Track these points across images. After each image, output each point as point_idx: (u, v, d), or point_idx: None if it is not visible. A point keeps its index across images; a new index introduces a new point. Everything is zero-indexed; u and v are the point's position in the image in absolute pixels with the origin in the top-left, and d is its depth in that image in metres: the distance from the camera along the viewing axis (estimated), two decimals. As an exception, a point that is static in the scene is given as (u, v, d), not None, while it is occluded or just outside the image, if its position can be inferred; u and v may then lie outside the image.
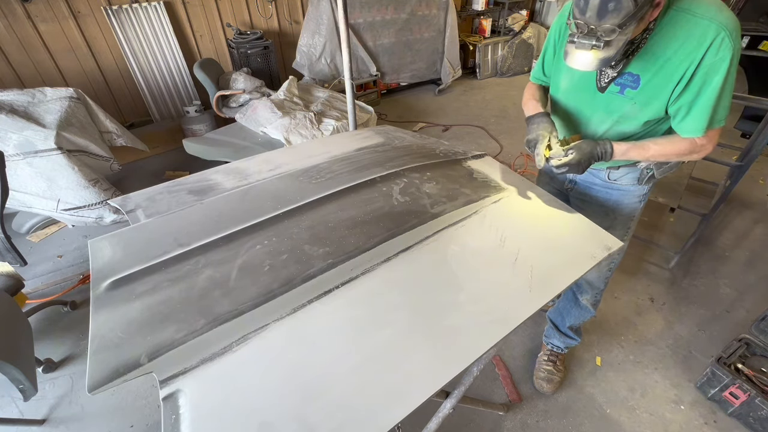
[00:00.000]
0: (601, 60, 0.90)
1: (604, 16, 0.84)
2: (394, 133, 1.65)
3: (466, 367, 0.77)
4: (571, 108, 1.23)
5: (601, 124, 1.17)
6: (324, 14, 3.76)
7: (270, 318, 0.83)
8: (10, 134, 2.14)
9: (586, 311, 1.55)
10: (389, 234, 1.03)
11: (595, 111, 1.16)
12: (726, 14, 0.91)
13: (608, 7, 0.82)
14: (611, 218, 1.32)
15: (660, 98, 1.01)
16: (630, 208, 1.31)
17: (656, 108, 1.04)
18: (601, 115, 1.15)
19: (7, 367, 1.24)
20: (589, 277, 1.45)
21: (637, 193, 1.28)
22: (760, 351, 1.64)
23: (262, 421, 0.67)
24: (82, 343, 1.92)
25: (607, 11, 0.83)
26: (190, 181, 1.31)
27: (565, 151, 1.08)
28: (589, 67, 0.92)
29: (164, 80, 3.59)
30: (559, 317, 1.65)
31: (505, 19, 5.06)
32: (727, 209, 2.77)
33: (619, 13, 0.83)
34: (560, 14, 1.18)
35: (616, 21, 0.84)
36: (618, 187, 1.28)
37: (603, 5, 0.83)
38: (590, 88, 1.12)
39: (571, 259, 1.02)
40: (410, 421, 0.72)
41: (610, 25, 0.84)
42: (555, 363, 1.71)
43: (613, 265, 1.42)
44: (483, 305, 0.88)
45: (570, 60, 0.95)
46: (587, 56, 0.91)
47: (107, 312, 0.83)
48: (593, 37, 0.87)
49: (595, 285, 1.47)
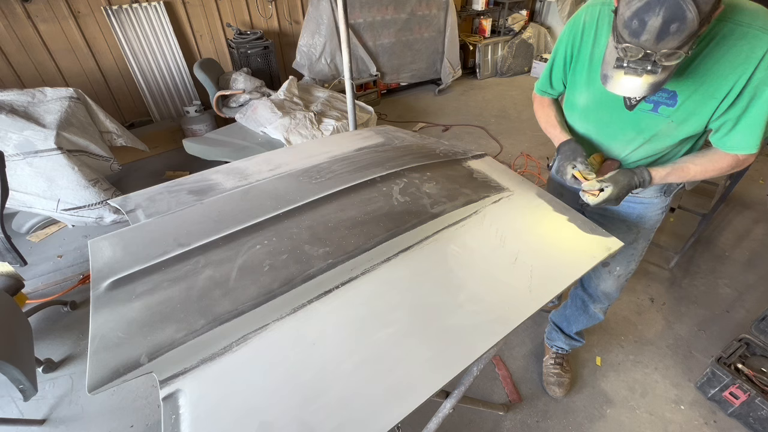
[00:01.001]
0: (651, 85, 0.81)
1: (663, 38, 0.74)
2: (394, 133, 1.65)
3: (466, 367, 0.77)
4: (592, 126, 1.16)
5: (629, 143, 1.09)
6: (324, 14, 3.76)
7: (270, 318, 0.83)
8: (10, 134, 2.14)
9: (594, 318, 1.52)
10: (389, 234, 1.03)
11: (622, 130, 1.08)
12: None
13: (670, 29, 0.72)
14: (635, 232, 1.27)
15: (701, 115, 0.94)
16: (653, 219, 1.26)
17: (696, 125, 0.96)
18: (630, 134, 1.07)
19: (7, 367, 1.24)
20: (606, 288, 1.40)
21: (661, 204, 1.23)
22: (760, 351, 1.64)
23: (262, 421, 0.67)
24: (82, 343, 1.92)
25: (668, 33, 0.73)
26: (190, 181, 1.31)
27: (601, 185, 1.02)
28: (636, 93, 0.83)
29: (164, 80, 3.59)
30: (565, 322, 1.64)
31: (505, 19, 5.06)
32: (727, 209, 2.77)
33: (681, 35, 0.73)
34: (572, 23, 1.08)
35: (676, 43, 0.74)
36: (641, 201, 1.23)
37: (664, 27, 0.72)
38: (616, 106, 1.04)
39: (571, 259, 1.02)
40: (410, 421, 0.72)
41: (669, 48, 0.75)
42: (562, 365, 1.70)
43: (630, 276, 1.38)
44: (483, 305, 0.88)
45: (613, 86, 0.85)
46: (636, 82, 0.81)
47: (107, 312, 0.83)
48: (647, 62, 0.78)
49: (612, 295, 1.42)
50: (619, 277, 1.36)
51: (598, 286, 1.41)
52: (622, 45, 0.79)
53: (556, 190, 1.44)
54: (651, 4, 0.72)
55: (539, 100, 1.33)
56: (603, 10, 1.00)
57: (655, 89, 0.82)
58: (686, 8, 0.70)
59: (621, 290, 1.42)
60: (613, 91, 0.86)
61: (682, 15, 0.71)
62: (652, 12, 0.72)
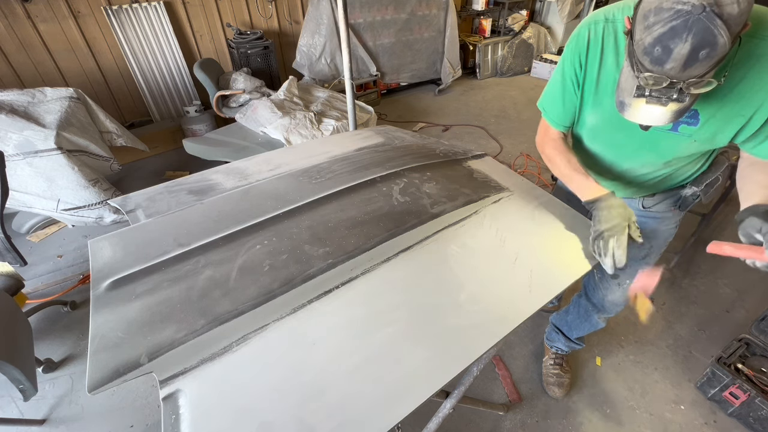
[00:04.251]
0: (675, 112, 0.74)
1: (691, 65, 0.66)
2: (394, 133, 1.65)
3: (466, 367, 0.77)
4: (602, 146, 1.09)
5: (645, 165, 1.03)
6: (324, 14, 3.76)
7: (270, 318, 0.83)
8: (10, 134, 2.14)
9: (596, 326, 1.50)
10: (389, 234, 1.03)
11: (638, 152, 1.02)
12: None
13: (699, 56, 0.64)
14: (647, 247, 1.21)
15: (726, 132, 0.87)
16: (666, 234, 1.21)
17: (719, 142, 0.90)
18: (647, 156, 1.01)
19: (7, 367, 1.24)
20: (614, 299, 1.35)
21: (674, 218, 1.17)
22: (760, 351, 1.64)
23: (262, 421, 0.67)
24: (82, 343, 1.92)
25: (696, 60, 0.65)
26: (190, 181, 1.31)
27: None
28: (660, 122, 0.76)
29: (164, 80, 3.59)
30: (566, 327, 1.62)
31: (505, 19, 5.06)
32: (727, 209, 2.76)
33: (711, 60, 0.65)
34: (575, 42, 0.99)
35: (701, 71, 0.66)
36: (654, 215, 1.18)
37: (693, 55, 0.64)
38: (630, 126, 0.92)
39: (571, 259, 1.02)
40: (410, 421, 0.72)
41: (697, 76, 0.67)
42: (562, 365, 1.70)
43: None
44: (483, 305, 0.88)
45: (632, 115, 0.78)
46: (659, 110, 0.74)
47: (107, 312, 0.83)
48: (673, 90, 0.70)
49: (619, 306, 1.38)
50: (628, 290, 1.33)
51: (606, 297, 1.37)
52: (643, 74, 0.72)
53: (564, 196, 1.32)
54: (677, 29, 0.64)
55: (553, 135, 1.16)
56: (607, 28, 0.92)
57: (677, 116, 0.75)
58: (718, 33, 0.62)
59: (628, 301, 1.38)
60: (633, 120, 0.80)
61: (713, 40, 0.63)
62: (678, 38, 0.64)
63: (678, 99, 0.71)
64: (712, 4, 0.61)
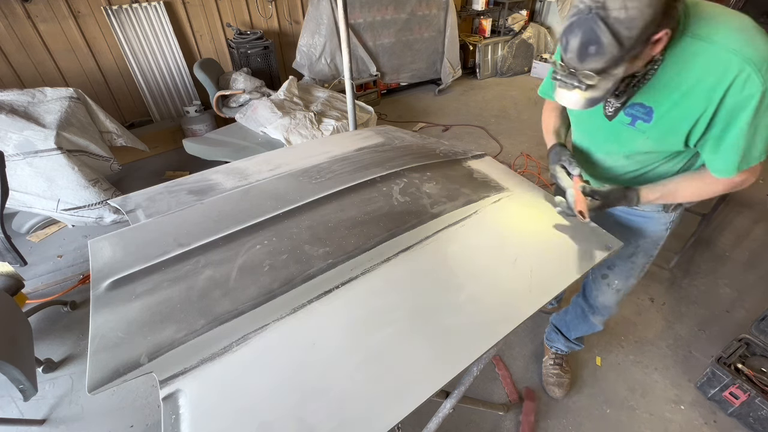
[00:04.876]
0: (588, 100, 0.82)
1: (584, 59, 0.75)
2: (394, 133, 1.65)
3: (466, 367, 0.77)
4: (583, 134, 1.15)
5: (611, 154, 1.08)
6: (324, 14, 3.76)
7: (270, 318, 0.83)
8: (10, 134, 2.14)
9: (593, 327, 1.51)
10: (389, 234, 1.03)
11: (606, 140, 1.07)
12: (757, 43, 0.76)
13: (589, 50, 0.73)
14: (633, 246, 1.23)
15: (677, 134, 0.90)
16: (655, 236, 1.21)
17: (673, 143, 0.93)
18: (612, 146, 1.06)
19: (7, 367, 1.24)
20: (605, 301, 1.38)
21: (663, 220, 1.17)
22: (760, 351, 1.64)
23: (262, 421, 0.67)
24: (82, 343, 1.92)
25: (587, 55, 0.74)
26: (190, 181, 1.31)
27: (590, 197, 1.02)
28: (575, 106, 0.85)
29: (164, 80, 3.59)
30: (565, 327, 1.63)
31: (505, 19, 5.06)
32: (727, 209, 2.77)
33: (601, 58, 0.73)
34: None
35: (597, 66, 0.75)
36: (641, 214, 1.19)
37: (583, 49, 0.74)
38: (599, 114, 1.00)
39: (571, 259, 1.02)
40: (410, 421, 0.72)
41: (590, 70, 0.76)
42: (562, 365, 1.70)
43: (630, 291, 1.35)
44: (483, 305, 0.88)
45: (557, 97, 0.88)
46: (573, 95, 0.83)
47: (107, 312, 0.83)
48: (575, 78, 0.79)
49: (612, 309, 1.40)
50: (618, 291, 1.34)
51: (597, 298, 1.39)
52: (552, 59, 0.86)
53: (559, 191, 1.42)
54: (573, 25, 0.75)
55: (545, 103, 1.30)
56: None
57: (591, 104, 0.83)
58: (601, 33, 0.71)
59: (619, 305, 1.40)
60: (557, 101, 0.90)
61: (598, 39, 0.71)
62: (572, 33, 0.75)
63: (579, 87, 0.80)
64: (599, 7, 0.70)
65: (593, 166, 1.18)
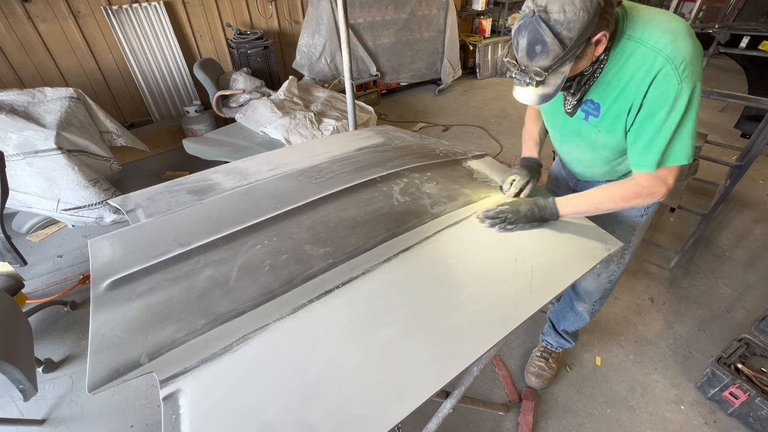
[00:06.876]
0: (540, 96, 0.90)
1: (532, 58, 0.84)
2: (394, 133, 1.65)
3: (466, 367, 0.77)
4: (554, 129, 1.22)
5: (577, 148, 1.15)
6: (324, 14, 3.76)
7: (270, 318, 0.83)
8: (10, 134, 2.14)
9: (581, 318, 1.52)
10: (389, 234, 1.03)
11: (570, 135, 1.14)
12: (680, 44, 0.83)
13: (535, 49, 0.82)
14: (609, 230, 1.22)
15: (619, 126, 0.98)
16: (629, 222, 1.26)
17: (619, 137, 1.00)
18: (575, 140, 1.13)
19: (7, 367, 1.24)
20: (586, 286, 1.42)
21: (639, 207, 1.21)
22: (760, 351, 1.64)
23: (262, 421, 0.67)
24: (82, 343, 1.92)
25: (535, 54, 0.83)
26: (190, 181, 1.31)
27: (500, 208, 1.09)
28: (530, 102, 0.93)
29: (164, 80, 3.59)
30: (556, 318, 1.65)
31: (505, 19, 5.06)
32: (727, 209, 2.77)
33: (547, 56, 0.82)
34: None
35: (544, 63, 0.83)
36: None
37: (530, 48, 0.82)
38: (561, 111, 1.10)
39: (571, 259, 1.02)
40: (410, 421, 0.72)
41: (539, 67, 0.84)
42: (547, 360, 1.71)
43: (613, 278, 1.36)
44: (483, 305, 0.88)
45: (514, 93, 0.95)
46: (527, 91, 0.91)
47: (107, 312, 0.83)
48: (526, 76, 0.87)
49: (593, 294, 1.43)
50: (599, 276, 1.36)
51: (580, 283, 1.43)
52: (506, 58, 0.92)
53: (552, 184, 1.48)
54: (521, 27, 0.83)
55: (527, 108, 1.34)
56: None
57: (543, 100, 0.91)
58: (544, 33, 0.80)
59: (604, 293, 1.42)
60: (515, 98, 0.96)
61: (542, 39, 0.80)
62: (521, 34, 0.83)
63: (530, 83, 0.88)
64: (541, 10, 0.79)
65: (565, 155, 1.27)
